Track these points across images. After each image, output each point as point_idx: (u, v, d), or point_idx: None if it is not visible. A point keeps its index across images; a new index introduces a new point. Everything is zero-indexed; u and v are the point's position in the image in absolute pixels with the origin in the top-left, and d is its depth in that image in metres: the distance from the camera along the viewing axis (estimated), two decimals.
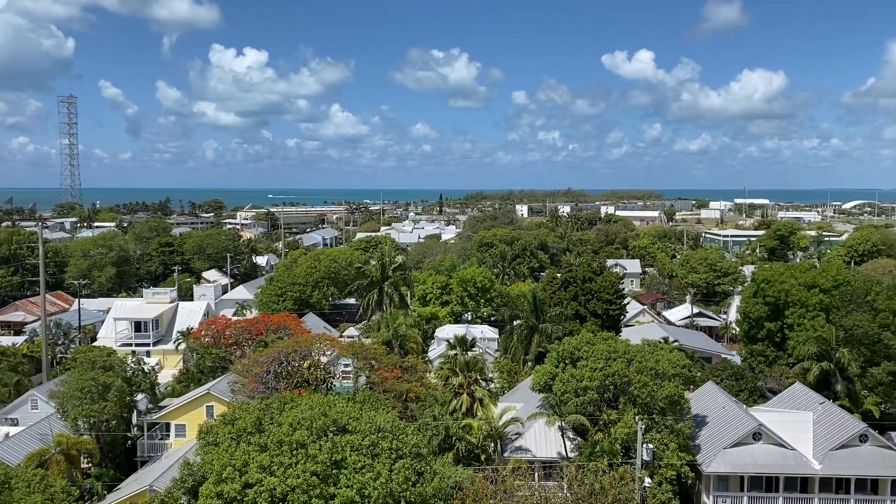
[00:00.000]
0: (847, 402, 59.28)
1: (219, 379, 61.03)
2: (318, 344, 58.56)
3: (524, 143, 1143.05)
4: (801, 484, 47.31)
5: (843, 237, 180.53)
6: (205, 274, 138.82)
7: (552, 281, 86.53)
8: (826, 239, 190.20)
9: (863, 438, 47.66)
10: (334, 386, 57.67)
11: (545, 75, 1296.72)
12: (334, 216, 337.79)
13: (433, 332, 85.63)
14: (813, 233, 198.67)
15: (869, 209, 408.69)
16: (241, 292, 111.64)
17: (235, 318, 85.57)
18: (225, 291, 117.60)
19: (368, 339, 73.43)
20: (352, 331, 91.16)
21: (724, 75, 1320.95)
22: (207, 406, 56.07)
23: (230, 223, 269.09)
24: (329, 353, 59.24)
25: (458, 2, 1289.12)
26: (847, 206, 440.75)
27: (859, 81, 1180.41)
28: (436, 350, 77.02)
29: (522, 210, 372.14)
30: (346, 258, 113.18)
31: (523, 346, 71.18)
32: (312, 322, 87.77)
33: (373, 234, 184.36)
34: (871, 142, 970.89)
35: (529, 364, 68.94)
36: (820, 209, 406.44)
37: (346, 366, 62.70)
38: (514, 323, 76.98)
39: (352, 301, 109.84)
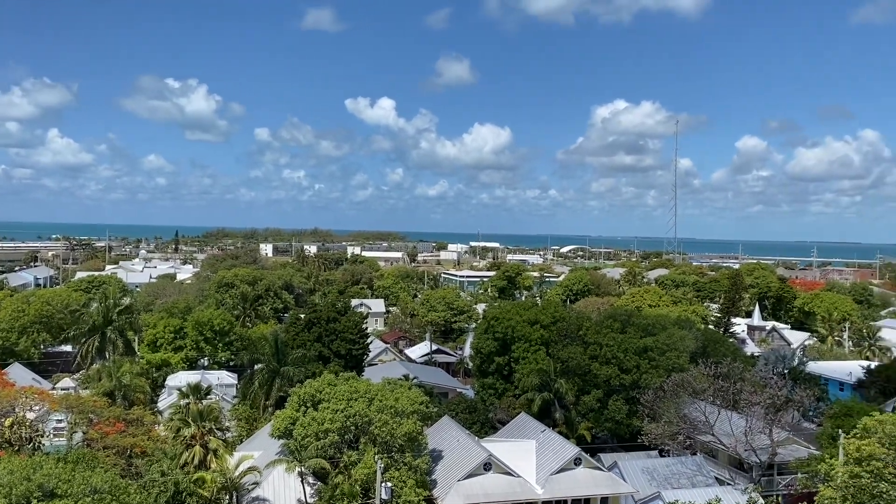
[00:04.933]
0: (565, 428, 65.25)
1: None
2: (23, 398, 51.54)
3: (269, 180, 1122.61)
4: None
5: (561, 278, 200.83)
6: None
7: (296, 322, 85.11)
8: (547, 279, 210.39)
9: (577, 461, 52.60)
10: (43, 445, 50.98)
11: (288, 114, 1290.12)
12: (50, 253, 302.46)
13: (164, 380, 79.62)
14: (536, 274, 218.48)
15: (581, 253, 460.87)
16: None
17: None
18: None
19: (87, 391, 66.19)
20: (67, 382, 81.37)
21: (458, 127, 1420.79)
22: None
23: None
24: (38, 408, 52.32)
25: (195, 31, 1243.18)
26: (564, 249, 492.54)
27: (570, 140, 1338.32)
28: (166, 400, 71.61)
29: (267, 249, 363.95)
30: (62, 300, 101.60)
31: (264, 391, 68.72)
32: (18, 373, 77.12)
33: (97, 273, 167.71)
34: (581, 194, 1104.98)
35: (270, 409, 66.66)
36: (542, 252, 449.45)
37: (59, 421, 55.82)
38: (255, 367, 74.28)
39: (68, 349, 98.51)
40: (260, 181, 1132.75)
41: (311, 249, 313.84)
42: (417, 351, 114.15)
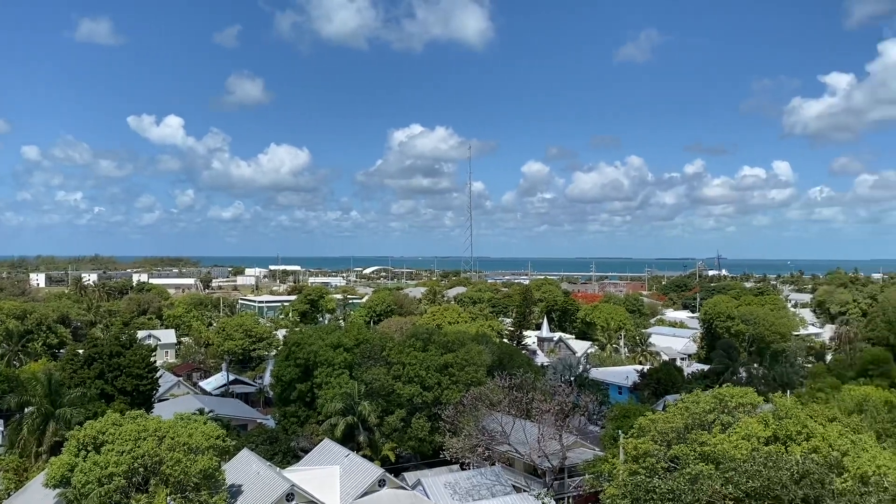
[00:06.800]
0: (369, 450, 65.14)
1: None
2: None
3: (39, 203, 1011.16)
4: None
5: (364, 299, 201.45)
6: None
7: (74, 358, 77.59)
8: (350, 301, 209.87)
9: (381, 483, 52.63)
10: None
11: (62, 131, 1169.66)
12: None
13: None
14: (339, 296, 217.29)
15: (385, 274, 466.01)
16: None
17: None
18: None
19: None
20: None
21: (253, 147, 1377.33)
22: None
23: None
24: None
25: None
26: (367, 271, 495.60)
27: (370, 162, 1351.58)
28: None
29: (39, 279, 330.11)
30: None
31: (36, 438, 61.85)
32: None
33: None
34: (382, 215, 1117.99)
35: (45, 457, 60.13)
36: (345, 274, 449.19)
37: None
38: (25, 411, 66.68)
39: None
40: (29, 204, 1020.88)
41: (91, 278, 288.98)
42: (213, 382, 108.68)
